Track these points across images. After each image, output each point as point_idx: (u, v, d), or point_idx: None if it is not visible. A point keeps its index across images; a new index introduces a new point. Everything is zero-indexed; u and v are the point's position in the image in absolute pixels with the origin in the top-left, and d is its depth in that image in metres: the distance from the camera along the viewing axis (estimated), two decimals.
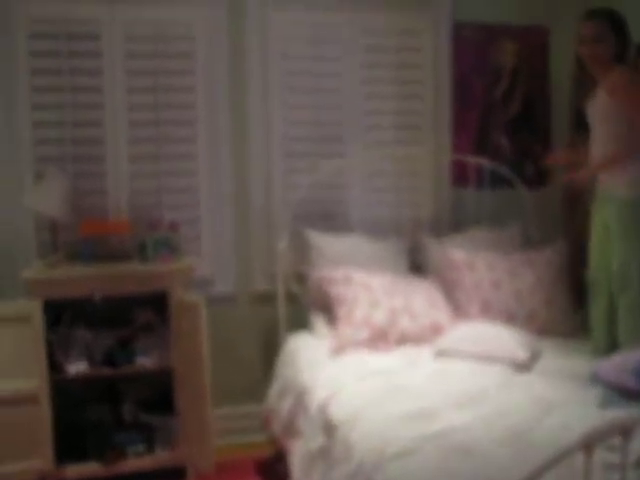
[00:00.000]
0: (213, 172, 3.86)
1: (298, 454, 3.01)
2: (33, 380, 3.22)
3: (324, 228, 3.89)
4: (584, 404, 2.61)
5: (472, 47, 4.15)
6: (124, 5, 3.66)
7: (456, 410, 2.58)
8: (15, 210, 3.59)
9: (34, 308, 3.20)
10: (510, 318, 3.53)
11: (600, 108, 3.29)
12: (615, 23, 3.24)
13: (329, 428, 2.72)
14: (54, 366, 3.29)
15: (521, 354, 3.12)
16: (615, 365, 2.73)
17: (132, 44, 3.70)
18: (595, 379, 2.73)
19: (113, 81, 3.69)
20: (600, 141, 3.30)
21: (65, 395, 3.39)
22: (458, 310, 3.61)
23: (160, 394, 3.54)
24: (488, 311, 3.57)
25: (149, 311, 3.55)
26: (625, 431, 1.67)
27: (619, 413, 2.42)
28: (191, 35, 3.79)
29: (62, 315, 3.44)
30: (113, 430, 3.47)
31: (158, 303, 3.44)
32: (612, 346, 3.22)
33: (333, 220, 3.98)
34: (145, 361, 3.42)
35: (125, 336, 3.49)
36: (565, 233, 4.12)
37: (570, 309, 3.66)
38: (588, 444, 1.60)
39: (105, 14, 3.64)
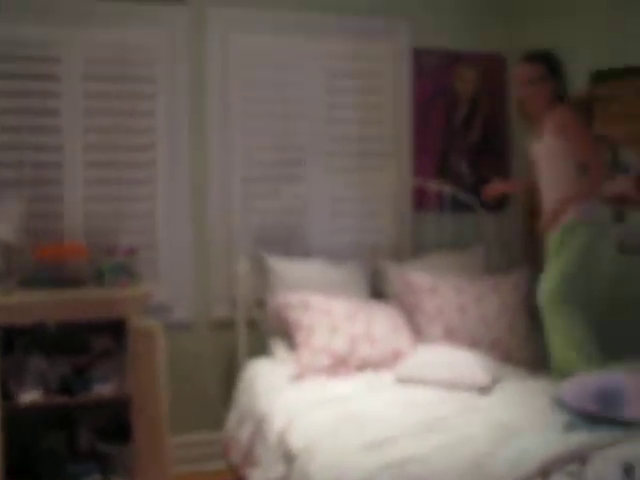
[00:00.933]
0: (171, 197, 3.81)
1: None
2: None
3: (285, 253, 3.87)
4: (546, 429, 2.60)
5: (432, 73, 4.19)
6: (84, 28, 3.63)
7: (416, 438, 2.56)
8: None
9: None
10: (474, 344, 3.52)
11: (545, 150, 3.32)
12: (551, 65, 3.30)
13: (288, 457, 2.69)
14: (6, 394, 3.20)
15: (482, 379, 3.12)
16: (576, 389, 2.73)
17: (91, 67, 3.66)
18: (558, 403, 2.73)
19: (72, 104, 3.63)
20: (549, 183, 3.34)
21: (19, 423, 3.29)
22: (420, 335, 3.60)
23: (117, 422, 3.46)
24: (452, 336, 3.56)
25: (107, 338, 3.49)
26: (582, 458, 1.67)
27: (580, 438, 2.42)
28: (151, 58, 3.76)
29: (15, 342, 3.36)
30: (67, 460, 3.38)
31: (116, 329, 3.37)
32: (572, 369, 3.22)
33: (294, 245, 3.96)
34: (102, 389, 3.35)
35: (82, 363, 3.41)
36: (525, 258, 4.15)
37: (531, 334, 3.66)
38: (545, 472, 1.60)
39: (64, 37, 3.60)
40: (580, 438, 2.42)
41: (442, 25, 4.18)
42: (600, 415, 2.60)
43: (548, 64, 3.30)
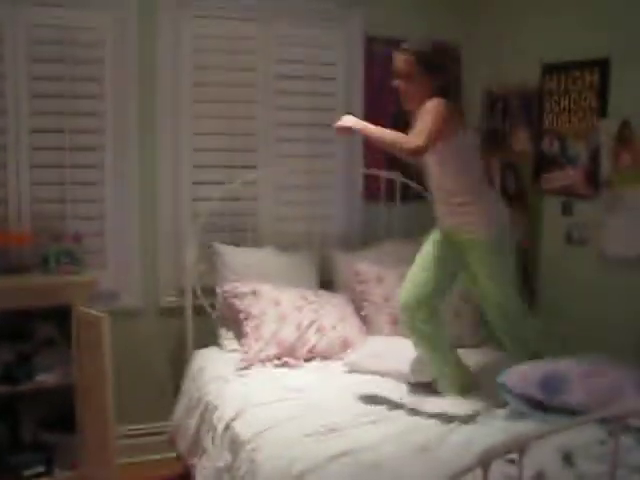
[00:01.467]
0: (120, 182, 3.74)
1: (204, 472, 2.94)
2: None
3: (234, 241, 3.84)
4: (491, 417, 2.65)
5: (384, 61, 4.16)
6: (28, 6, 3.51)
7: (366, 427, 2.59)
8: None
9: None
10: None
11: None
12: (425, 60, 2.91)
13: (236, 446, 2.68)
14: None
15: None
16: (521, 376, 2.77)
17: (36, 47, 3.55)
18: (503, 390, 2.77)
19: (16, 85, 3.52)
20: (431, 178, 3.13)
21: None
22: (368, 324, 3.62)
23: (62, 412, 3.41)
24: (398, 325, 3.57)
25: (51, 325, 3.42)
26: (521, 447, 1.68)
27: (525, 426, 2.46)
28: (100, 40, 3.66)
29: None
30: (10, 450, 3.32)
31: (61, 317, 3.31)
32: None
33: (243, 233, 3.92)
34: (46, 377, 3.30)
35: (25, 351, 3.34)
36: None
37: (477, 320, 3.69)
38: (485, 462, 1.61)
39: (6, 16, 3.48)
40: (524, 426, 2.46)
41: (395, 13, 4.16)
42: (543, 402, 2.65)
43: (418, 58, 2.90)
